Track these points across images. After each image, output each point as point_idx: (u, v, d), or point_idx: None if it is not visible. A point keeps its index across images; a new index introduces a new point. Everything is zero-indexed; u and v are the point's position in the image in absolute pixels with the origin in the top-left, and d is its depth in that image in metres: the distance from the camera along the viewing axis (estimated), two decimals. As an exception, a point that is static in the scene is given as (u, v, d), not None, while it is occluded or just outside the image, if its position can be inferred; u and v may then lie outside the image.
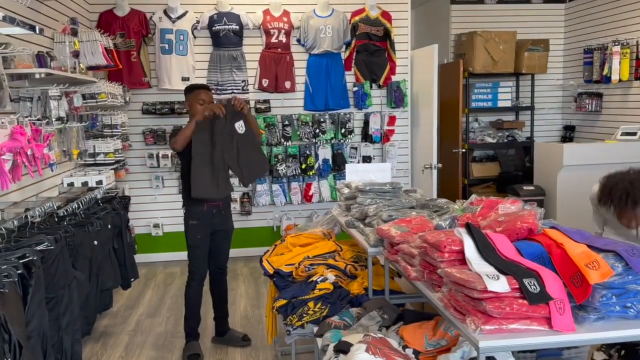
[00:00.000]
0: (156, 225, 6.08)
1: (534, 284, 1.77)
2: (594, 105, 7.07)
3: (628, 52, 6.40)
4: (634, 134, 6.17)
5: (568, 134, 7.66)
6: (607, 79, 6.65)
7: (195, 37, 5.96)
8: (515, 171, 7.21)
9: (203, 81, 5.91)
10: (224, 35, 5.89)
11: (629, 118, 6.53)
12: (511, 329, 1.73)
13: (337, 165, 6.15)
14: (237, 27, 5.90)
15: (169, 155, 5.88)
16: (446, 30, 7.58)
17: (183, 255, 4.02)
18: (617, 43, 6.53)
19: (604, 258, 1.79)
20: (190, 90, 3.78)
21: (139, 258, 5.13)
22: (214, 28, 5.89)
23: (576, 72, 7.39)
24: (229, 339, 4.00)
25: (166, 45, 5.83)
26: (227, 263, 4.00)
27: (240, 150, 3.62)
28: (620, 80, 6.49)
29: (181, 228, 3.88)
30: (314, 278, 2.98)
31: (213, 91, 5.90)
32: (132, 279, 4.51)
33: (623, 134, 6.27)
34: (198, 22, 5.91)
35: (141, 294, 5.13)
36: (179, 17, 5.85)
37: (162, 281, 5.42)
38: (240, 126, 3.60)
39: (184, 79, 5.86)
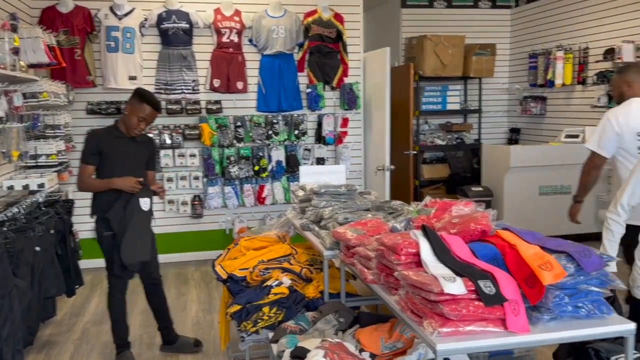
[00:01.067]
0: (103, 230, 5.86)
1: (489, 286, 1.79)
2: (539, 108, 7.32)
3: (571, 57, 6.65)
4: (577, 136, 6.41)
5: (514, 137, 7.90)
6: (551, 83, 6.90)
7: (143, 35, 5.80)
8: (463, 172, 7.38)
9: (151, 80, 5.77)
10: (173, 33, 5.75)
11: (572, 121, 6.79)
12: (468, 331, 1.74)
13: (291, 167, 6.11)
14: (187, 25, 5.77)
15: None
16: (397, 34, 7.69)
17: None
18: (560, 48, 6.78)
19: (556, 259, 1.83)
20: (141, 99, 3.49)
21: (84, 264, 4.92)
22: (162, 26, 5.74)
23: (521, 76, 7.63)
24: (180, 346, 3.88)
25: (112, 43, 5.64)
26: (159, 271, 3.83)
27: (135, 227, 3.47)
28: (563, 85, 6.74)
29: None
30: (269, 282, 2.93)
31: (162, 91, 5.78)
32: (77, 286, 4.33)
33: (566, 136, 6.50)
34: (146, 19, 5.75)
35: (86, 301, 4.93)
36: (126, 14, 5.67)
37: (109, 287, 5.22)
38: (145, 203, 3.48)
39: (131, 78, 5.69)
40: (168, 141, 5.82)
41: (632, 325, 1.81)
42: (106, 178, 3.49)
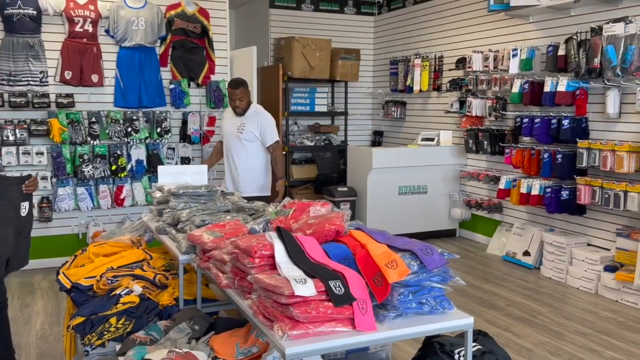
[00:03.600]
0: None
1: (339, 286, 1.79)
2: (399, 112, 7.70)
3: (428, 65, 7.07)
4: (432, 139, 6.82)
5: (377, 139, 8.23)
6: (409, 89, 7.28)
7: (-18, 19, 5.19)
8: (331, 173, 7.54)
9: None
10: (19, 20, 5.21)
11: (428, 125, 7.22)
12: (317, 332, 1.72)
13: (153, 166, 5.80)
14: (35, 12, 5.26)
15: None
16: (266, 34, 7.66)
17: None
18: (418, 56, 7.18)
19: (401, 257, 1.88)
20: None
21: None
22: (6, 11, 5.18)
23: (384, 81, 7.97)
24: None
25: (-58, 26, 4.98)
26: (6, 294, 3.28)
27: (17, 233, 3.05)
28: (421, 90, 7.14)
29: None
30: (118, 291, 2.72)
31: (5, 82, 5.23)
32: None
33: (423, 139, 6.90)
34: (-15, 3, 5.16)
35: None
36: (-40, -5, 5.04)
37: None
38: (24, 207, 3.09)
39: (-33, 67, 5.07)
40: (11, 137, 5.25)
41: (470, 320, 1.92)
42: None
